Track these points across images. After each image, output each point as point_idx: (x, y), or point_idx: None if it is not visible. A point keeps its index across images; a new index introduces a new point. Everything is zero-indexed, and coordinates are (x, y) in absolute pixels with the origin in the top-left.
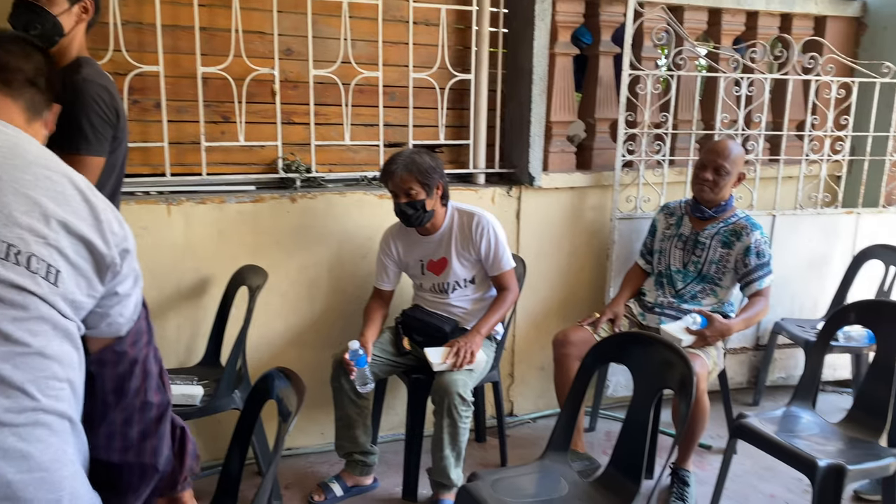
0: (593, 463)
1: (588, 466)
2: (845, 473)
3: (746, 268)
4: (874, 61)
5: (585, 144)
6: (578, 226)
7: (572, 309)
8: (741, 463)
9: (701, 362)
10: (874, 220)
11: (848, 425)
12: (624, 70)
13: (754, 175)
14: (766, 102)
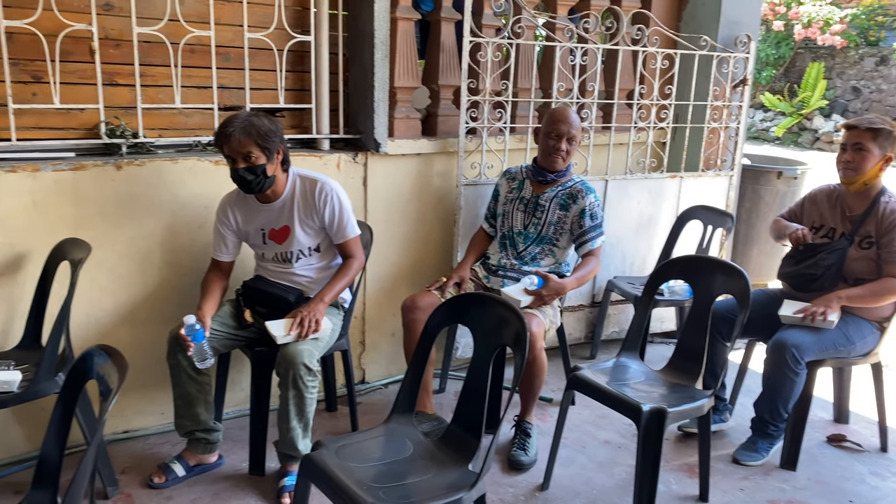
0: (441, 423)
1: (436, 426)
2: (666, 416)
3: (581, 229)
4: (694, 34)
5: (430, 111)
6: (426, 192)
7: (421, 274)
8: (579, 413)
9: (538, 321)
10: (695, 182)
11: (669, 372)
12: (465, 37)
13: (588, 142)
14: (599, 72)
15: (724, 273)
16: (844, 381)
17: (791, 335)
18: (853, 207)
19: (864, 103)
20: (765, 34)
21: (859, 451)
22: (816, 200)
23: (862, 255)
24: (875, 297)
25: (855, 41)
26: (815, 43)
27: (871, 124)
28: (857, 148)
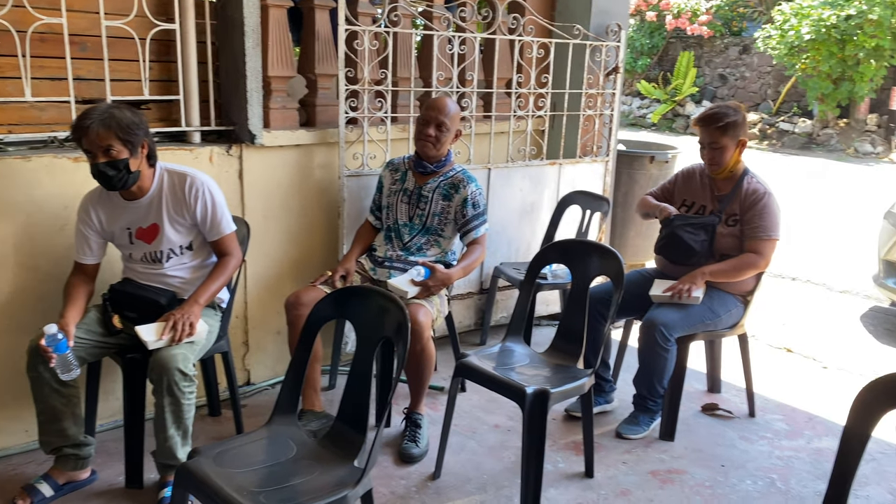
0: (330, 420)
1: (325, 424)
2: (549, 396)
3: (464, 218)
4: (567, 23)
5: (308, 101)
6: (307, 184)
7: (306, 270)
8: (469, 399)
9: (425, 311)
10: (573, 169)
11: (553, 354)
12: (340, 25)
13: (470, 131)
14: (478, 61)
15: (599, 255)
16: (715, 352)
17: (660, 314)
18: (721, 188)
19: (731, 90)
20: (639, 24)
21: (730, 417)
22: (689, 178)
23: (728, 233)
24: (736, 271)
25: (720, 31)
26: (685, 33)
27: (717, 123)
28: (713, 146)
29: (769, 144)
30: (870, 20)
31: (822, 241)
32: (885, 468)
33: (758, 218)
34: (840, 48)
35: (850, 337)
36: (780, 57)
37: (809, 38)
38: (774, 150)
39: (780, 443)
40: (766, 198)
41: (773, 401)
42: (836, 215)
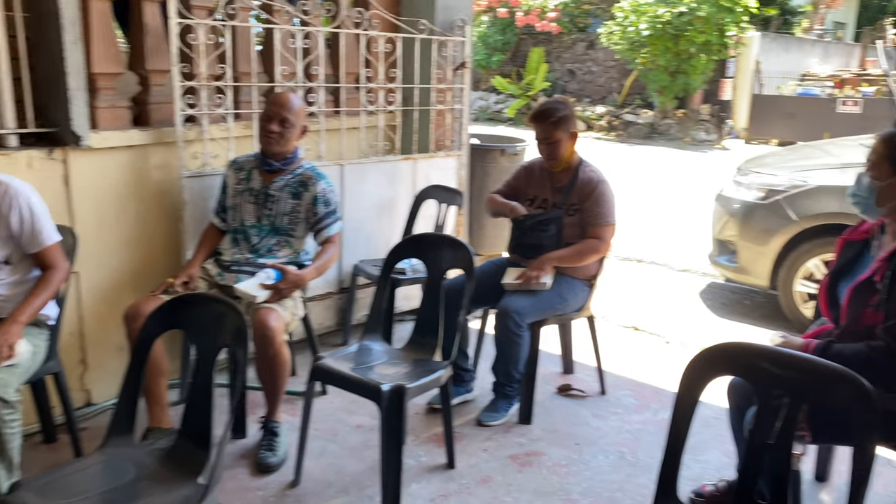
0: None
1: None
2: (405, 392)
3: (316, 217)
4: (413, 18)
5: (141, 99)
6: (144, 188)
7: (148, 279)
8: (331, 401)
9: (276, 315)
10: (428, 163)
11: (411, 349)
12: (171, 18)
13: (319, 127)
14: (324, 56)
15: (450, 248)
16: (567, 335)
17: (511, 301)
18: (560, 179)
19: (580, 84)
20: (492, 21)
21: (584, 396)
22: (530, 173)
23: (572, 222)
24: (581, 256)
25: (567, 27)
26: (535, 29)
27: (549, 118)
28: (548, 142)
29: (616, 135)
30: (699, 17)
31: (664, 224)
32: (721, 433)
33: (595, 205)
34: (674, 43)
35: (690, 312)
36: (621, 52)
37: (647, 33)
38: (621, 140)
39: (630, 417)
40: (601, 185)
41: (623, 377)
42: (676, 200)
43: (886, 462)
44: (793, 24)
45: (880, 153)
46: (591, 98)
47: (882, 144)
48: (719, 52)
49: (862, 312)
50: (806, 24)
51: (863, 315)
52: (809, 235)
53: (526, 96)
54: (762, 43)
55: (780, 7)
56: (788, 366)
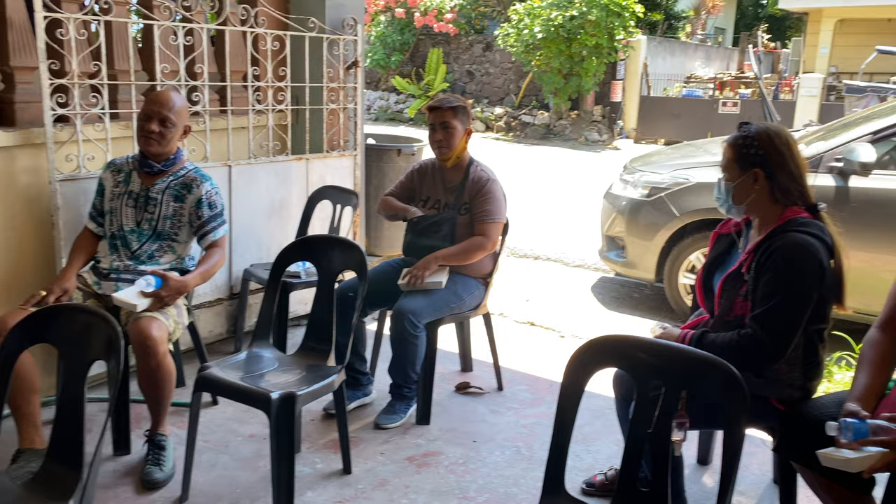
0: None
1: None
2: (295, 399)
3: (200, 220)
4: (302, 16)
5: (5, 97)
6: (11, 193)
7: (17, 290)
8: (223, 411)
9: (158, 324)
10: (321, 164)
11: (303, 354)
12: (37, 12)
13: (205, 126)
14: (208, 53)
15: (341, 249)
16: (465, 333)
17: (407, 302)
18: (451, 179)
19: (478, 85)
20: (389, 20)
21: (481, 393)
22: (423, 174)
23: (464, 222)
24: (466, 253)
25: (465, 29)
26: (433, 30)
27: (450, 103)
28: (445, 126)
29: (514, 136)
30: (589, 21)
31: (559, 221)
32: (612, 423)
33: (483, 203)
34: (567, 46)
35: (583, 306)
36: (517, 54)
37: (541, 36)
38: (518, 140)
39: (525, 412)
40: (490, 184)
41: (520, 372)
42: (571, 198)
43: (762, 443)
44: (677, 28)
45: (728, 157)
46: (490, 99)
47: (729, 149)
48: (609, 55)
49: (733, 303)
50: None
51: (734, 305)
52: (691, 230)
53: (426, 96)
54: (649, 46)
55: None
56: (664, 355)
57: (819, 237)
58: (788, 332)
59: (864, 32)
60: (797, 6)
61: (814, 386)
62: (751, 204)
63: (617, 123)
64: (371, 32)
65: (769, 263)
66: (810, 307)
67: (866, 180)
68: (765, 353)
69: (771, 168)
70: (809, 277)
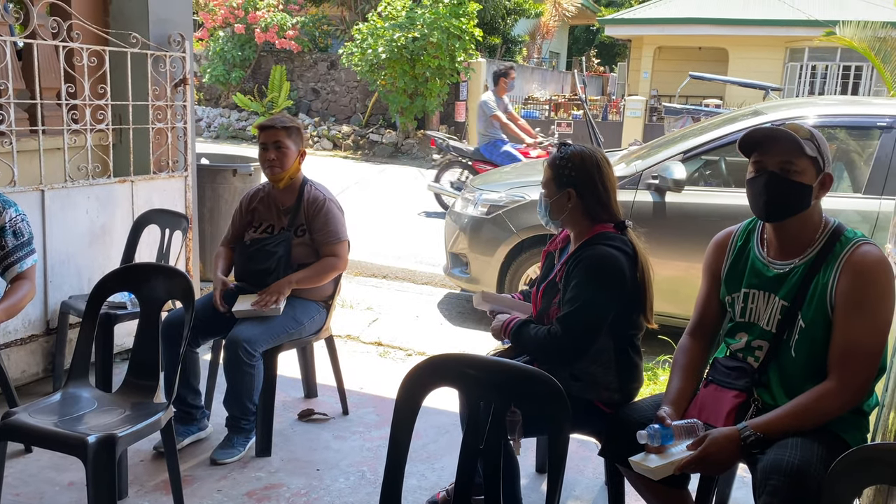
0: None
1: None
2: (116, 442)
3: (3, 251)
4: (124, 31)
5: None
6: None
7: None
8: (37, 459)
9: None
10: (148, 186)
11: (126, 391)
12: None
13: (11, 148)
14: (13, 68)
15: (165, 277)
16: (308, 359)
17: (241, 330)
18: (284, 202)
19: (324, 103)
20: (229, 36)
21: (326, 419)
22: (252, 200)
23: (300, 242)
24: (320, 275)
25: (308, 46)
26: (275, 46)
27: (283, 123)
28: (277, 145)
29: (362, 154)
30: (431, 42)
31: (408, 239)
32: (456, 438)
33: (325, 224)
34: (411, 67)
35: (430, 323)
36: (362, 73)
37: (385, 56)
38: (367, 159)
39: (371, 434)
40: (327, 204)
41: (367, 395)
42: (420, 216)
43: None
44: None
45: (547, 175)
46: (336, 117)
47: (548, 168)
48: (452, 76)
49: (549, 309)
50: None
51: (550, 311)
52: (528, 245)
53: (269, 114)
54: (488, 69)
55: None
56: (492, 371)
57: (622, 250)
58: (587, 334)
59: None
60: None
61: (633, 389)
62: (565, 219)
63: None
64: (210, 48)
65: (575, 272)
66: (610, 313)
67: (679, 196)
68: (564, 350)
69: (581, 188)
70: (610, 285)
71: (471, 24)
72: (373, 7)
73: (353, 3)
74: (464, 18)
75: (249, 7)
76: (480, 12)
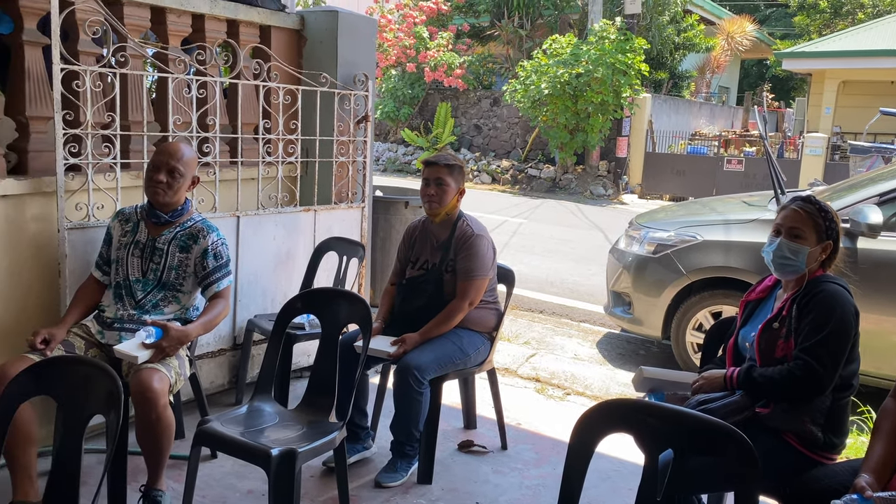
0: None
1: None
2: (296, 457)
3: (205, 271)
4: (314, 71)
5: (19, 146)
6: (20, 240)
7: (20, 337)
8: (221, 465)
9: (160, 376)
10: (329, 215)
11: (304, 409)
12: (55, 64)
13: (214, 178)
14: (220, 105)
15: (346, 302)
16: (469, 390)
17: (412, 357)
18: (439, 236)
19: (485, 139)
20: (400, 75)
21: (485, 452)
22: (410, 236)
23: (450, 279)
24: (446, 321)
25: (473, 84)
26: (443, 84)
27: (446, 161)
28: (439, 182)
29: (520, 188)
30: (595, 78)
31: (564, 274)
32: (618, 485)
33: (465, 260)
34: (573, 102)
35: (589, 363)
36: (524, 109)
37: (548, 92)
38: (525, 193)
39: (529, 472)
40: (475, 239)
41: (524, 430)
42: (576, 251)
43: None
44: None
45: (806, 223)
46: (496, 152)
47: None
48: (615, 111)
49: (774, 345)
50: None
51: (775, 347)
52: (698, 288)
53: (433, 149)
54: (654, 104)
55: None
56: (675, 422)
57: (848, 289)
58: (835, 362)
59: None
60: (801, 67)
61: (836, 441)
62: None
63: (622, 178)
64: (382, 85)
65: (812, 305)
66: (849, 345)
67: (874, 242)
68: (816, 379)
69: (837, 242)
70: (849, 317)
71: (637, 59)
72: (537, 45)
73: (518, 42)
74: (630, 54)
75: (420, 47)
76: (648, 48)
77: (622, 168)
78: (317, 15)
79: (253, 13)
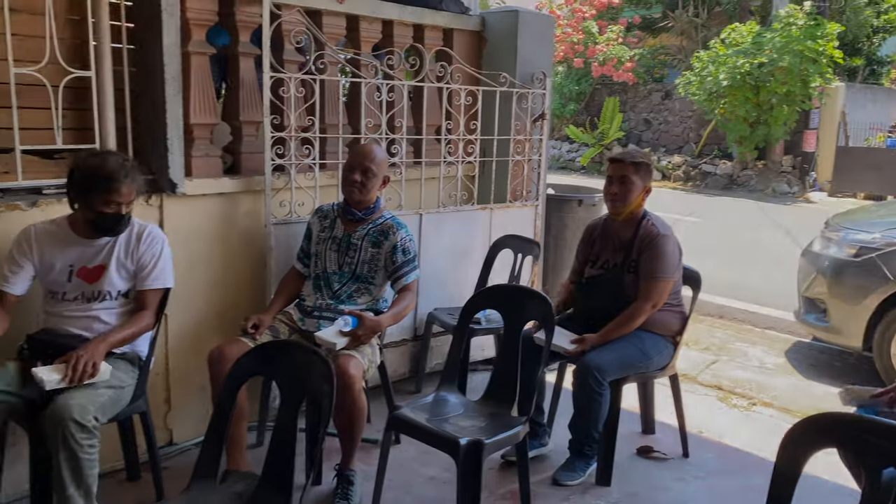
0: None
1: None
2: (483, 447)
3: (394, 265)
4: (494, 71)
5: (233, 148)
6: (232, 233)
7: (232, 322)
8: (405, 450)
9: (356, 363)
10: (504, 213)
11: (487, 402)
12: (265, 73)
13: (400, 177)
14: (406, 108)
15: (529, 299)
16: (648, 394)
17: (593, 357)
18: (622, 235)
19: (655, 133)
20: (567, 71)
21: (665, 459)
22: (591, 234)
23: (632, 280)
24: (628, 323)
25: (643, 78)
26: (611, 79)
27: (633, 158)
28: (623, 180)
29: (693, 185)
30: (780, 68)
31: (747, 278)
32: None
33: (648, 260)
34: (755, 94)
35: (776, 373)
36: (700, 102)
37: (726, 84)
38: (698, 190)
39: (714, 482)
40: (659, 239)
41: (706, 440)
42: (759, 252)
43: None
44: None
45: None
46: (667, 148)
47: None
48: (803, 103)
49: None
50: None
51: None
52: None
53: (599, 145)
54: (848, 94)
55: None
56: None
57: None
58: None
59: None
60: None
61: None
62: None
63: (809, 175)
64: None
65: None
66: None
67: None
68: None
69: None
70: None
71: (829, 45)
72: (715, 34)
73: (694, 32)
74: (821, 40)
75: (589, 42)
76: (841, 33)
77: (809, 163)
78: (497, 15)
79: (437, 17)
